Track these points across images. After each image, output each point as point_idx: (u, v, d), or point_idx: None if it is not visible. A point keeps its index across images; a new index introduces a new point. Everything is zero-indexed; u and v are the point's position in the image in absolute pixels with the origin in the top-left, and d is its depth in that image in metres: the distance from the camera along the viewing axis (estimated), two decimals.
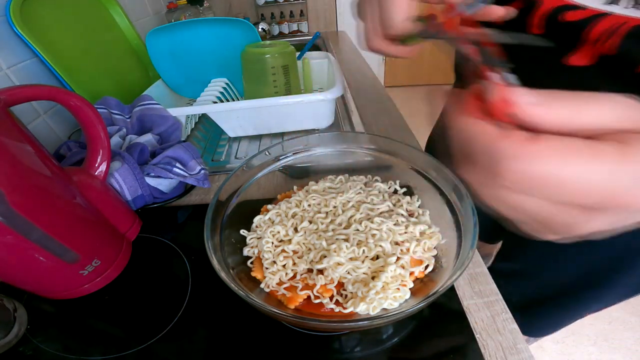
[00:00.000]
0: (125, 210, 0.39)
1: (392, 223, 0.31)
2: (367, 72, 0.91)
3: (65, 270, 0.31)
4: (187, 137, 0.61)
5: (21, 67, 0.48)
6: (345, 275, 0.29)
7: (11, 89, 0.28)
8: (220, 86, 0.65)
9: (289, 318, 0.23)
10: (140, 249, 0.39)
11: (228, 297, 0.33)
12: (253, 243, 0.33)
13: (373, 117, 0.65)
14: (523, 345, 0.27)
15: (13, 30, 0.44)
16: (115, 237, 0.37)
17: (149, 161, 0.44)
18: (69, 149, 0.44)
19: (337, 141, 0.39)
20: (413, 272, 0.29)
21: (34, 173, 0.28)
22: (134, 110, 0.51)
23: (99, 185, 0.36)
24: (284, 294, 0.28)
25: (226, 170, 0.53)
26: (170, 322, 0.32)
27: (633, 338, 1.03)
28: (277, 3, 1.86)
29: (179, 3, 0.97)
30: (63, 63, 0.50)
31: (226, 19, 0.60)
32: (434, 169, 0.33)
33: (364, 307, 0.26)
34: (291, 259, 0.31)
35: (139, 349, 0.30)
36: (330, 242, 0.31)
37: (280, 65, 0.56)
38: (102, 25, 0.64)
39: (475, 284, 0.33)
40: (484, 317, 0.30)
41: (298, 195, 0.37)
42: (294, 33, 1.83)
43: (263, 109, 0.54)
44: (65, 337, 0.31)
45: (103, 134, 0.35)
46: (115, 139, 0.46)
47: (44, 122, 0.51)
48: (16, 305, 0.32)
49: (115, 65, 0.64)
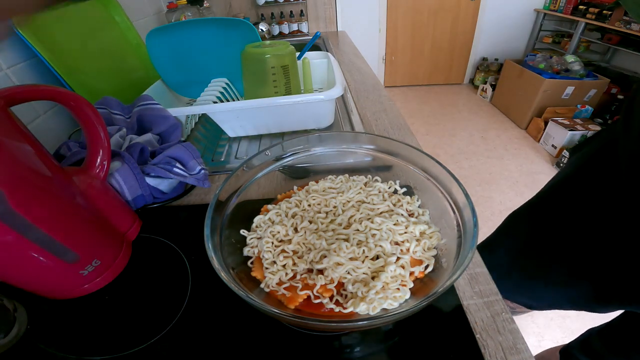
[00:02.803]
0: (125, 210, 0.39)
1: (392, 223, 0.31)
2: (367, 72, 0.91)
3: (65, 270, 0.31)
4: (187, 137, 0.61)
5: (21, 67, 0.49)
6: (345, 275, 0.29)
7: (11, 89, 0.28)
8: (220, 86, 0.65)
9: (289, 318, 0.23)
10: (140, 249, 0.39)
11: (228, 297, 0.33)
12: (253, 243, 0.33)
13: (373, 117, 0.65)
14: (523, 345, 0.27)
15: (13, 31, 0.44)
16: (115, 237, 0.36)
17: (149, 161, 0.44)
18: (69, 149, 0.44)
19: (337, 141, 0.39)
20: (413, 272, 0.29)
21: (34, 173, 0.28)
22: (134, 110, 0.51)
23: (99, 185, 0.36)
24: (284, 294, 0.28)
25: (226, 170, 0.53)
26: (170, 322, 0.31)
27: None
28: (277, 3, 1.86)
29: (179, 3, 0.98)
30: (63, 63, 0.50)
31: (226, 19, 0.60)
32: (434, 168, 0.33)
33: (364, 307, 0.26)
34: (291, 259, 0.31)
35: (139, 349, 0.30)
36: (330, 242, 0.31)
37: (280, 65, 0.56)
38: (102, 25, 0.64)
39: (475, 284, 0.33)
40: (484, 317, 0.30)
41: (298, 195, 0.37)
42: (294, 33, 1.83)
43: (263, 109, 0.54)
44: (65, 337, 0.31)
45: (103, 134, 0.35)
46: (115, 139, 0.46)
47: (44, 122, 0.51)
48: (16, 305, 0.32)
49: (115, 65, 0.64)
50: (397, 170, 0.37)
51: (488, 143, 2.13)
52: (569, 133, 1.79)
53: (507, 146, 2.09)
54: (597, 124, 1.87)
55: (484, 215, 1.57)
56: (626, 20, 1.76)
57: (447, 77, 2.97)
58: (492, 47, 2.73)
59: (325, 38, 1.40)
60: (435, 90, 2.91)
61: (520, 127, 2.25)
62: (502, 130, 2.26)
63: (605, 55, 2.23)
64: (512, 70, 2.30)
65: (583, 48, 2.28)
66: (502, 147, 2.08)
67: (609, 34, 1.96)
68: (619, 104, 1.93)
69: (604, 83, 1.96)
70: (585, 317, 0.55)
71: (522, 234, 0.60)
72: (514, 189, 1.73)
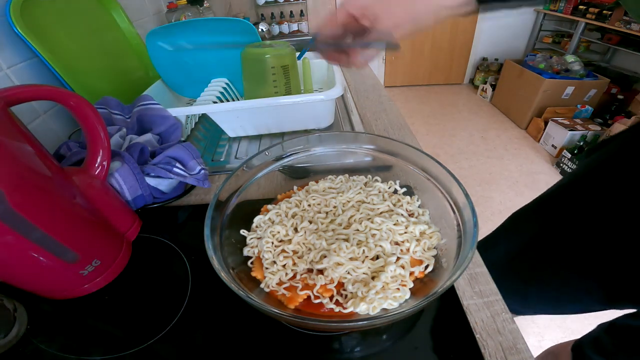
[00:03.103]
0: (125, 210, 0.39)
1: (392, 223, 0.31)
2: (367, 72, 0.91)
3: (65, 270, 0.31)
4: (187, 137, 0.61)
5: (21, 67, 0.48)
6: (345, 275, 0.29)
7: (11, 89, 0.28)
8: (220, 86, 0.65)
9: (289, 318, 0.23)
10: (140, 249, 0.39)
11: (228, 297, 0.33)
12: (253, 243, 0.33)
13: (373, 117, 0.65)
14: (523, 345, 0.27)
15: (13, 30, 0.44)
16: (115, 237, 0.36)
17: (149, 161, 0.44)
18: (69, 149, 0.44)
19: (337, 141, 0.39)
20: (413, 272, 0.29)
21: (34, 173, 0.28)
22: (134, 110, 0.51)
23: (99, 185, 0.36)
24: (284, 294, 0.28)
25: (226, 170, 0.53)
26: (170, 322, 0.31)
27: None
28: (277, 3, 1.86)
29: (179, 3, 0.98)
30: (63, 63, 0.50)
31: (226, 19, 0.60)
32: (434, 168, 0.33)
33: (364, 307, 0.26)
34: (291, 259, 0.31)
35: (139, 349, 0.30)
36: (330, 242, 0.31)
37: (280, 65, 0.56)
38: (102, 25, 0.64)
39: (475, 284, 0.33)
40: (484, 317, 0.30)
41: (298, 195, 0.37)
42: (294, 33, 1.83)
43: (263, 109, 0.54)
44: (65, 337, 0.31)
45: (103, 134, 0.35)
46: (115, 139, 0.46)
47: (44, 122, 0.51)
48: (16, 305, 0.32)
49: (115, 65, 0.64)
50: (397, 170, 0.37)
51: (488, 143, 2.13)
52: (569, 133, 1.79)
53: (507, 146, 2.08)
54: (597, 124, 1.87)
55: (484, 215, 1.57)
56: (626, 20, 1.76)
57: (447, 77, 2.97)
58: (492, 47, 2.73)
59: None
60: (435, 90, 2.91)
61: (520, 127, 2.25)
62: (502, 130, 2.26)
63: (605, 55, 2.23)
64: (512, 70, 2.30)
65: (583, 48, 2.28)
66: (502, 147, 2.08)
67: (609, 34, 1.96)
68: (619, 104, 1.93)
69: (604, 83, 1.96)
70: (584, 317, 0.55)
71: (527, 232, 0.60)
72: (514, 189, 1.73)
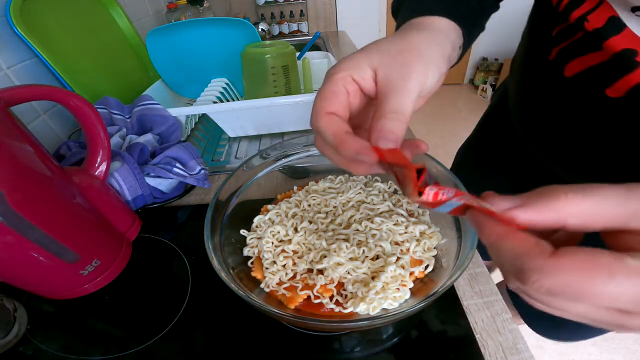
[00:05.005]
0: (125, 210, 0.39)
1: (392, 223, 0.31)
2: None
3: (65, 270, 0.31)
4: (187, 137, 0.61)
5: (21, 67, 0.48)
6: (345, 275, 0.29)
7: (11, 89, 0.28)
8: (220, 86, 0.65)
9: (289, 318, 0.23)
10: (140, 249, 0.39)
11: (228, 297, 0.33)
12: (253, 243, 0.33)
13: None
14: (523, 345, 0.27)
15: (13, 30, 0.44)
16: (115, 237, 0.36)
17: (149, 161, 0.44)
18: (69, 149, 0.44)
19: None
20: (413, 272, 0.29)
21: (34, 173, 0.28)
22: (134, 110, 0.51)
23: (99, 185, 0.36)
24: (284, 294, 0.28)
25: (226, 170, 0.53)
26: (170, 322, 0.31)
27: (633, 338, 1.03)
28: (277, 3, 1.86)
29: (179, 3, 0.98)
30: (63, 63, 0.50)
31: (226, 19, 0.60)
32: (433, 168, 0.33)
33: (364, 307, 0.26)
34: (291, 259, 0.31)
35: (139, 349, 0.30)
36: (330, 242, 0.31)
37: (280, 65, 0.56)
38: (102, 25, 0.64)
39: (475, 284, 0.33)
40: (484, 317, 0.30)
41: (298, 195, 0.37)
42: (294, 33, 1.83)
43: (263, 109, 0.54)
44: (65, 337, 0.31)
45: (103, 134, 0.35)
46: (115, 139, 0.46)
47: (44, 122, 0.51)
48: (16, 305, 0.32)
49: (115, 65, 0.64)
50: None
51: None
52: None
53: None
54: None
55: None
56: None
57: (447, 77, 2.95)
58: (492, 47, 2.73)
59: (325, 38, 1.40)
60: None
61: None
62: None
63: None
64: None
65: None
66: None
67: None
68: None
69: None
70: None
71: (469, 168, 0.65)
72: None
